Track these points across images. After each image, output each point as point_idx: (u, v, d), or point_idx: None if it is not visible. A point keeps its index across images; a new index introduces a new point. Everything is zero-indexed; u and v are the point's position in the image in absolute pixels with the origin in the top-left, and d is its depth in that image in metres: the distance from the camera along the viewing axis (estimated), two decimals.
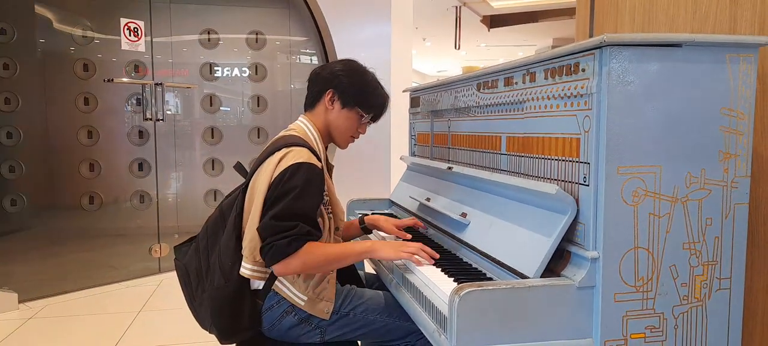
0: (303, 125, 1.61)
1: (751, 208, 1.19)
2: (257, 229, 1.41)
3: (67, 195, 4.13)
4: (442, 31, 10.28)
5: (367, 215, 1.92)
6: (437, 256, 1.49)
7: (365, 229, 1.88)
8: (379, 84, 1.65)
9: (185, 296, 1.59)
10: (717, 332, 1.20)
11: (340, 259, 1.49)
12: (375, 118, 1.67)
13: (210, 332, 1.53)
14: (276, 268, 1.40)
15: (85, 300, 3.44)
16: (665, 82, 1.11)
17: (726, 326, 1.20)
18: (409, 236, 1.72)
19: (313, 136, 1.59)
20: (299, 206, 1.40)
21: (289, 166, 1.41)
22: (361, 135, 1.69)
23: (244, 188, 1.52)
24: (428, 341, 1.39)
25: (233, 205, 1.51)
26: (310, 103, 1.63)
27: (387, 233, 1.81)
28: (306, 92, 1.66)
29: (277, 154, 1.45)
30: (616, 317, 1.13)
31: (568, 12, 8.47)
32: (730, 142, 1.15)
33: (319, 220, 1.49)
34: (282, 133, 1.62)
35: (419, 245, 1.51)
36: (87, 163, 4.09)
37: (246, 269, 1.44)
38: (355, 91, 1.59)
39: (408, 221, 1.85)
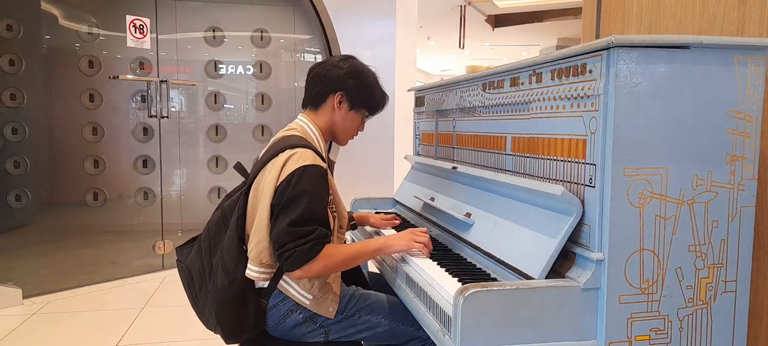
0: (303, 124, 1.60)
1: (757, 211, 1.19)
2: (272, 236, 1.41)
3: (71, 191, 4.14)
4: (447, 30, 10.27)
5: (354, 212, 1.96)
6: (431, 247, 1.56)
7: (353, 226, 1.91)
8: (380, 83, 1.67)
9: (189, 297, 1.59)
10: (722, 335, 1.19)
11: (357, 258, 1.51)
12: (373, 116, 1.70)
13: (215, 332, 1.53)
14: (297, 273, 1.41)
15: (89, 296, 3.45)
16: (672, 83, 1.10)
17: (731, 329, 1.20)
18: (398, 222, 1.89)
19: (314, 135, 1.58)
20: (313, 210, 1.41)
21: (296, 170, 1.40)
22: (359, 132, 1.71)
23: (246, 189, 1.51)
24: None
25: (235, 206, 1.51)
26: (315, 104, 1.62)
27: (375, 227, 1.89)
28: (305, 90, 1.65)
29: (282, 156, 1.44)
30: (621, 318, 1.13)
31: (573, 12, 8.45)
32: (737, 145, 1.15)
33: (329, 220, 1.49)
34: (282, 133, 1.61)
35: (427, 236, 1.56)
36: (91, 159, 4.10)
37: (253, 271, 1.44)
38: (363, 95, 1.61)
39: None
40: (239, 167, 1.64)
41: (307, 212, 1.39)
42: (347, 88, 1.58)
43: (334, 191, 1.57)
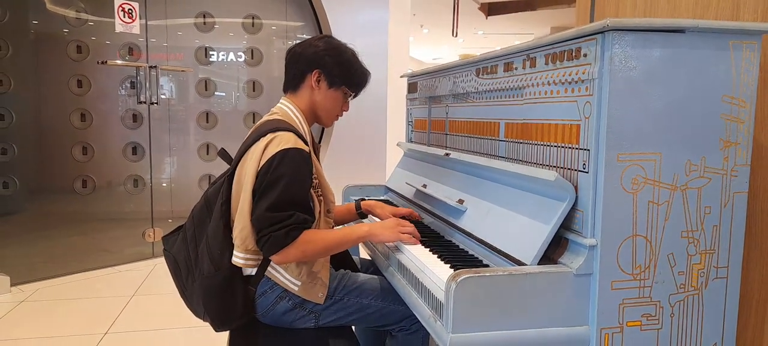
0: (285, 108, 1.57)
1: (749, 197, 1.19)
2: (252, 221, 1.39)
3: (60, 178, 4.09)
4: (440, 19, 10.23)
5: (364, 199, 1.90)
6: (419, 236, 1.54)
7: (361, 214, 1.86)
8: (360, 60, 1.63)
9: (177, 286, 1.58)
10: (713, 321, 1.20)
11: (339, 245, 1.48)
12: (356, 95, 1.66)
13: (204, 321, 1.52)
14: (275, 258, 1.40)
15: (78, 284, 3.42)
16: (667, 68, 1.09)
17: (722, 315, 1.20)
18: (406, 217, 1.75)
19: (297, 118, 1.56)
20: (292, 194, 1.38)
21: (276, 154, 1.38)
22: (344, 113, 1.67)
23: (229, 175, 1.49)
24: (423, 326, 1.39)
25: (219, 192, 1.49)
26: (294, 85, 1.59)
27: (383, 219, 1.79)
28: (285, 73, 1.62)
29: (263, 141, 1.42)
30: (613, 304, 1.13)
31: (566, 0, 8.44)
32: (731, 131, 1.14)
33: (310, 204, 1.47)
34: (265, 117, 1.58)
35: (413, 227, 1.55)
36: (80, 146, 4.05)
37: (238, 258, 1.43)
38: (341, 71, 1.57)
39: (404, 210, 1.83)
40: (223, 154, 1.62)
41: (285, 196, 1.37)
42: (324, 66, 1.55)
43: (320, 173, 1.55)
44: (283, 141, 1.40)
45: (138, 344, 2.60)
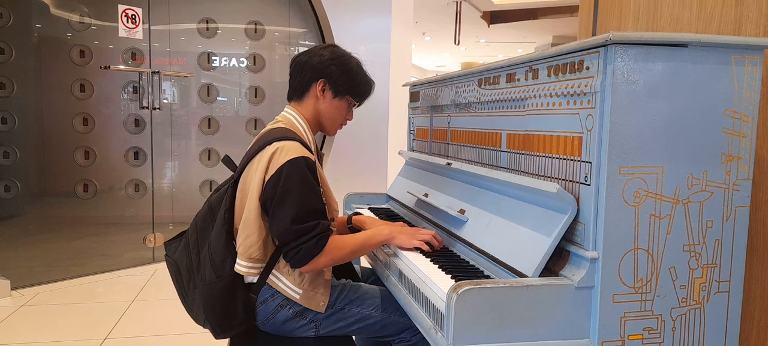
0: (290, 116, 1.58)
1: (751, 211, 1.19)
2: (275, 233, 1.40)
3: (61, 182, 4.10)
4: (442, 27, 10.27)
5: (357, 214, 1.91)
6: (441, 245, 1.56)
7: (352, 229, 1.87)
8: (365, 70, 1.63)
9: (177, 291, 1.57)
10: (714, 335, 1.19)
11: (363, 248, 1.51)
12: (361, 104, 1.67)
13: (204, 327, 1.52)
14: (305, 268, 1.42)
15: (79, 288, 3.42)
16: (669, 82, 1.09)
17: (723, 329, 1.20)
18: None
19: (301, 126, 1.56)
20: (311, 203, 1.40)
21: (284, 165, 1.39)
22: (348, 122, 1.68)
23: (233, 183, 1.49)
24: (424, 338, 1.39)
25: (222, 199, 1.49)
26: (299, 94, 1.59)
27: None
28: (289, 81, 1.62)
29: (268, 150, 1.42)
30: (615, 318, 1.13)
31: (568, 9, 8.46)
32: (733, 145, 1.14)
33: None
34: (269, 126, 1.59)
35: (433, 232, 1.55)
36: (82, 150, 4.07)
37: (241, 266, 1.43)
38: (346, 81, 1.57)
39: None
40: (227, 161, 1.63)
41: (305, 206, 1.38)
42: (329, 75, 1.55)
43: (324, 182, 1.55)
44: (290, 151, 1.41)
45: None
